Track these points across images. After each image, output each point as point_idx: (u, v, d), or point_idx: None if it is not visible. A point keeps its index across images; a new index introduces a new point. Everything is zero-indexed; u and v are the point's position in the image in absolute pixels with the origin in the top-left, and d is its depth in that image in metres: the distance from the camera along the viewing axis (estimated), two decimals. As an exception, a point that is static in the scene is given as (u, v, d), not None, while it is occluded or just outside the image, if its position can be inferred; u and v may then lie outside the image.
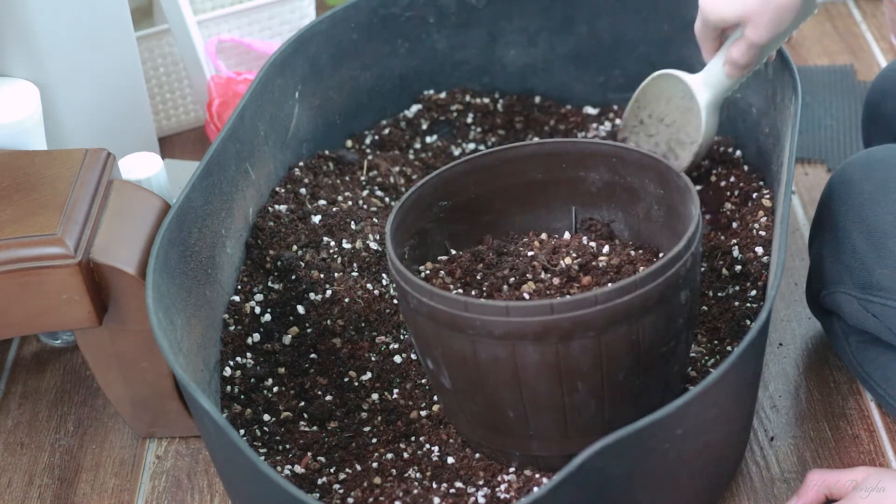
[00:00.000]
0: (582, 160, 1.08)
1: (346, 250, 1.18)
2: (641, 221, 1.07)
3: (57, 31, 1.24)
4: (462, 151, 1.38)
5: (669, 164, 1.02)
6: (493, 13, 1.38)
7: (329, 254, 1.18)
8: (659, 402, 0.87)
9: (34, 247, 0.98)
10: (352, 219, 1.22)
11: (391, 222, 1.00)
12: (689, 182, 0.99)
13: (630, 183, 1.06)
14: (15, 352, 1.27)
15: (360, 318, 1.13)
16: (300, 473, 1.02)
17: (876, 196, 1.05)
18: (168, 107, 1.57)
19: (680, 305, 0.94)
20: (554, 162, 1.08)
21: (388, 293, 1.16)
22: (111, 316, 1.04)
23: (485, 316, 0.91)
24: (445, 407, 1.05)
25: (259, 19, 1.55)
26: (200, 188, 1.08)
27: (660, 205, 1.05)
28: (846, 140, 1.46)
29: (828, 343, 1.17)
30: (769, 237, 1.13)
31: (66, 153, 1.08)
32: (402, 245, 1.03)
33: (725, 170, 1.25)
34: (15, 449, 1.16)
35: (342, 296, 1.14)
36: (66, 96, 1.27)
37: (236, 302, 1.13)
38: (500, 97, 1.42)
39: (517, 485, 0.99)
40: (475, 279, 1.02)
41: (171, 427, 1.13)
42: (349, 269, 1.17)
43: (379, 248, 1.20)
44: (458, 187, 1.08)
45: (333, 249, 1.18)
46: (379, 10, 1.34)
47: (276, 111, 1.24)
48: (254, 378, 1.09)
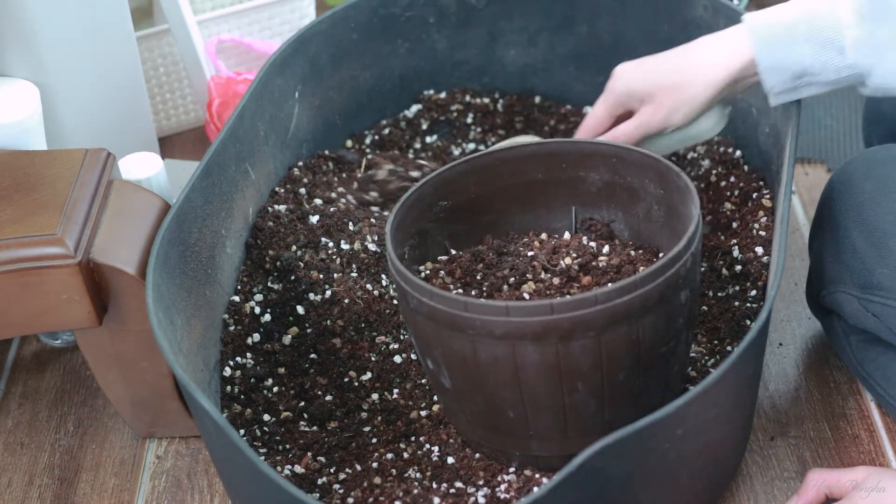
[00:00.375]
0: (582, 160, 1.08)
1: (344, 251, 1.18)
2: (641, 221, 1.07)
3: (57, 31, 1.24)
4: (462, 151, 1.38)
5: (669, 164, 1.02)
6: (493, 13, 1.38)
7: (328, 254, 1.18)
8: (659, 402, 0.87)
9: (34, 247, 0.98)
10: (350, 219, 1.22)
11: (391, 222, 1.00)
12: (689, 182, 0.99)
13: (630, 183, 1.06)
14: (15, 352, 1.27)
15: (359, 319, 1.13)
16: (300, 473, 1.02)
17: (876, 196, 1.05)
18: (168, 107, 1.57)
19: (680, 305, 0.94)
20: (554, 162, 1.08)
21: (388, 294, 1.16)
22: (111, 316, 1.04)
23: (485, 316, 0.91)
24: (445, 407, 1.05)
25: (259, 19, 1.55)
26: (200, 188, 1.08)
27: (660, 205, 1.05)
28: (846, 140, 1.46)
29: (828, 343, 1.17)
30: (769, 237, 1.13)
31: (66, 153, 1.08)
32: (401, 245, 1.03)
33: (725, 170, 1.25)
34: (15, 449, 1.16)
35: (342, 296, 1.14)
36: (66, 96, 1.27)
37: (236, 302, 1.13)
38: (500, 97, 1.42)
39: (517, 485, 0.99)
40: (475, 279, 1.02)
41: (171, 427, 1.13)
42: (348, 270, 1.17)
43: (377, 250, 1.19)
44: (458, 187, 1.08)
45: (332, 250, 1.18)
46: (379, 10, 1.34)
47: (276, 111, 1.24)
48: (254, 378, 1.09)
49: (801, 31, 1.03)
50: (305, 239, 1.18)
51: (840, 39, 1.02)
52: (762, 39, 1.05)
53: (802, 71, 1.04)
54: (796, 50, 1.03)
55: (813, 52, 1.03)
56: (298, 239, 1.18)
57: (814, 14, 1.03)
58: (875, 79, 1.03)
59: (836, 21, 1.02)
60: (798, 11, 1.04)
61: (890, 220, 1.03)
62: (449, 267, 1.04)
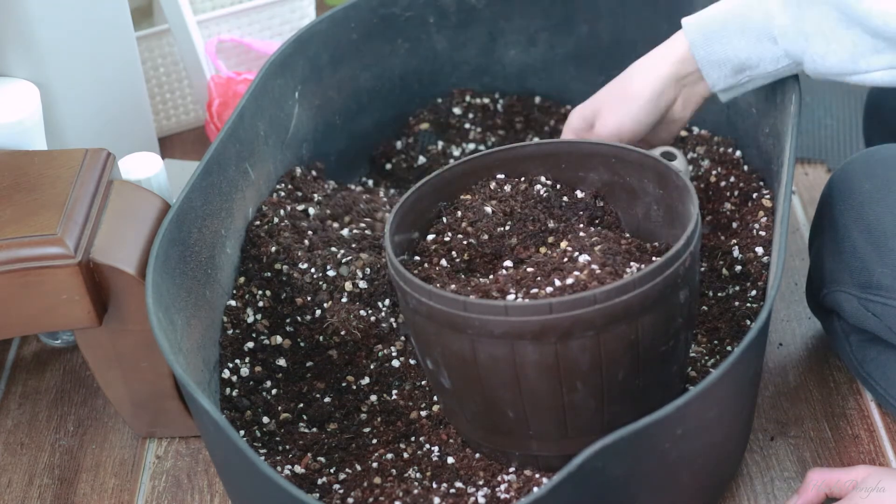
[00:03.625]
0: (581, 160, 1.08)
1: (338, 259, 1.17)
2: (641, 221, 1.07)
3: (57, 31, 1.24)
4: (462, 151, 1.38)
5: (668, 164, 1.02)
6: (493, 13, 1.38)
7: (326, 260, 1.17)
8: (659, 402, 0.87)
9: (34, 247, 0.98)
10: (348, 223, 1.22)
11: (391, 223, 1.00)
12: (689, 182, 0.99)
13: (629, 183, 1.06)
14: (15, 352, 1.27)
15: (357, 328, 1.12)
16: (300, 473, 1.02)
17: (876, 195, 1.05)
18: (168, 107, 1.57)
19: (679, 305, 0.94)
20: (553, 162, 1.08)
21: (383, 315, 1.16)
22: (111, 316, 1.04)
23: (483, 315, 0.91)
24: (445, 407, 1.05)
25: (259, 19, 1.55)
26: (200, 188, 1.08)
27: (659, 204, 1.05)
28: (846, 140, 1.46)
29: (828, 343, 1.17)
30: (769, 237, 1.13)
31: (66, 153, 1.08)
32: (400, 246, 1.03)
33: (725, 170, 1.25)
34: (15, 449, 1.16)
35: (336, 317, 1.12)
36: (66, 96, 1.27)
37: (234, 306, 1.12)
38: (500, 97, 1.42)
39: (517, 485, 0.99)
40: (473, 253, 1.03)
41: (171, 427, 1.13)
42: (346, 277, 1.16)
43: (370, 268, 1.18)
44: (458, 188, 1.08)
45: (331, 256, 1.17)
46: (379, 10, 1.34)
47: (276, 111, 1.24)
48: (253, 381, 1.09)
49: (734, 25, 1.06)
50: (302, 244, 1.17)
51: (771, 29, 1.04)
52: (697, 35, 1.08)
53: (741, 64, 1.07)
54: (733, 43, 1.06)
55: (748, 45, 1.06)
56: (296, 243, 1.17)
57: (745, 7, 1.05)
58: (808, 64, 1.05)
59: (765, 11, 1.04)
60: (730, 5, 1.07)
61: (890, 219, 1.03)
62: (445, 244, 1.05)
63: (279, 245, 1.15)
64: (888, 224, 1.03)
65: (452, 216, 1.06)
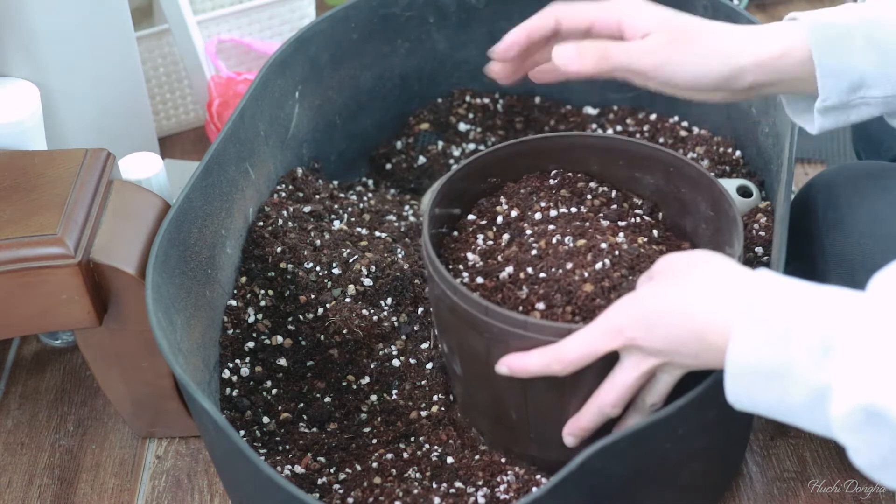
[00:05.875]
0: (639, 161, 1.06)
1: (344, 258, 1.17)
2: (689, 235, 1.05)
3: (57, 31, 1.24)
4: (462, 151, 1.38)
5: (724, 189, 0.99)
6: (493, 13, 1.38)
7: (331, 259, 1.17)
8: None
9: (34, 247, 0.98)
10: (350, 222, 1.22)
11: (434, 196, 0.99)
12: (738, 215, 0.97)
13: (683, 195, 1.04)
14: (15, 352, 1.27)
15: (358, 328, 1.13)
16: (300, 473, 1.02)
17: (836, 223, 1.00)
18: (168, 107, 1.57)
19: None
20: (611, 157, 1.06)
21: (386, 312, 1.16)
22: (111, 316, 1.04)
23: (503, 325, 0.91)
24: (454, 388, 1.07)
25: (259, 19, 1.55)
26: (200, 188, 1.08)
27: (708, 225, 1.03)
28: (846, 140, 1.46)
29: (828, 343, 1.17)
30: (769, 237, 1.13)
31: (66, 153, 1.08)
32: (438, 223, 1.02)
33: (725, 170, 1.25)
34: (15, 449, 1.16)
35: (337, 316, 1.13)
36: (66, 96, 1.27)
37: (234, 306, 1.12)
38: (500, 97, 1.42)
39: (517, 485, 0.99)
40: None
41: (171, 427, 1.13)
42: (351, 276, 1.17)
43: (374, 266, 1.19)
44: (508, 168, 1.06)
45: (337, 255, 1.18)
46: (379, 10, 1.34)
47: (276, 111, 1.24)
48: (253, 381, 1.09)
49: (859, 35, 0.88)
50: (303, 245, 1.17)
51: None
52: (821, 37, 0.88)
53: (860, 81, 0.89)
54: (856, 55, 0.88)
55: (874, 60, 0.88)
56: (296, 244, 1.17)
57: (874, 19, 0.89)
58: None
59: None
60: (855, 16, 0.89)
61: (850, 245, 0.99)
62: None
63: (284, 245, 1.15)
64: (850, 252, 0.98)
65: (496, 201, 1.04)
